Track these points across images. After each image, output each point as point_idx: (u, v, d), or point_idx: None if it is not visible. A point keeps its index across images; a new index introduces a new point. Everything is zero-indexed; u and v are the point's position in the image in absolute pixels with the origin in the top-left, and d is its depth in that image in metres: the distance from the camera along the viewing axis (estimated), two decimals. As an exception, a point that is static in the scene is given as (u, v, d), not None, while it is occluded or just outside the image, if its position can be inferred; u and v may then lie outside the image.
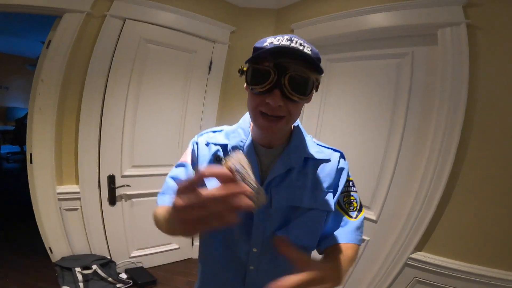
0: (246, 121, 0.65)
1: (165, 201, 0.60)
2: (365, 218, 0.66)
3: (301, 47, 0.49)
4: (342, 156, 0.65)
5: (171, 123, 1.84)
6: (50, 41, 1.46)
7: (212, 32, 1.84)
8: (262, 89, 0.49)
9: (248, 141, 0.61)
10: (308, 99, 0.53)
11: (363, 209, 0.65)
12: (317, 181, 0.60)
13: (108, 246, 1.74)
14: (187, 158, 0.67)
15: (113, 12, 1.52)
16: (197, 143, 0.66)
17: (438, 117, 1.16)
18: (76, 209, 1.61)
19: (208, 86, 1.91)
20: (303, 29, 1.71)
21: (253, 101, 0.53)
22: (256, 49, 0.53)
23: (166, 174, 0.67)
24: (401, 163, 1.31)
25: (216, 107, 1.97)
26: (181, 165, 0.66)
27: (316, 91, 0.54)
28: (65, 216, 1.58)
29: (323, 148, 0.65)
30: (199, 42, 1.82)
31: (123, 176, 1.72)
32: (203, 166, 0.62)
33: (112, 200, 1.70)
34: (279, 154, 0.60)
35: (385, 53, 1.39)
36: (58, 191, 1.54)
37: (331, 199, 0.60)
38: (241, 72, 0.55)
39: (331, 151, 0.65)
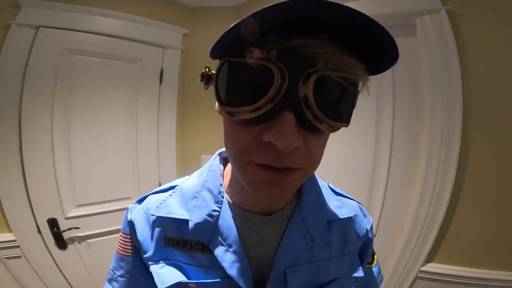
0: (215, 175, 0.41)
1: None
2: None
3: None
4: (363, 209, 0.50)
5: (119, 149, 1.53)
6: None
7: (161, 36, 1.57)
8: (256, 113, 0.24)
9: (224, 210, 0.38)
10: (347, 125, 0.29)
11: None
12: (344, 246, 0.43)
13: (74, 290, 1.48)
14: (126, 251, 0.45)
15: (21, 20, 1.19)
16: (131, 223, 0.43)
17: (433, 114, 1.05)
18: (19, 257, 1.34)
19: (162, 99, 1.63)
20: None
21: (237, 138, 0.28)
22: (230, 29, 0.24)
23: (122, 209, 0.45)
24: (394, 169, 1.19)
25: (174, 123, 1.69)
26: (117, 258, 0.46)
27: (355, 107, 0.30)
28: (8, 265, 1.32)
29: (344, 198, 0.46)
30: (145, 48, 1.54)
31: (67, 218, 1.41)
32: (148, 253, 0.41)
33: (61, 244, 1.41)
34: (285, 221, 0.39)
35: None
36: None
37: (358, 261, 0.45)
38: (207, 78, 0.31)
39: (355, 202, 0.47)
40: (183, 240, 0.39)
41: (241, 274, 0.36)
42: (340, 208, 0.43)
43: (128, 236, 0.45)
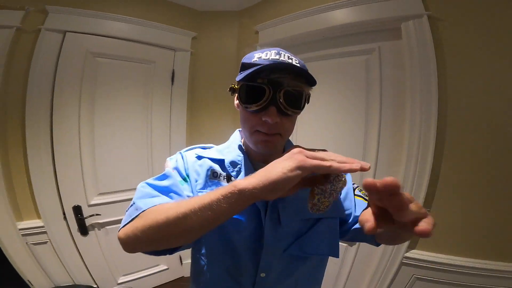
0: (237, 138, 0.64)
1: (161, 201, 0.48)
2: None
3: (289, 60, 0.50)
4: None
5: (136, 143, 1.67)
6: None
7: (172, 39, 1.71)
8: (258, 107, 0.49)
9: (244, 156, 0.59)
10: (300, 112, 0.52)
11: None
12: None
13: (91, 276, 1.62)
14: (171, 171, 0.57)
15: (49, 25, 1.32)
16: (185, 156, 0.61)
17: (412, 112, 1.14)
18: (45, 243, 1.47)
19: (173, 98, 1.77)
20: (268, 30, 1.63)
21: (249, 120, 0.52)
22: (245, 66, 0.52)
23: None
24: (381, 162, 1.30)
25: (184, 120, 1.83)
26: (166, 176, 0.55)
27: (308, 103, 0.54)
28: (34, 250, 1.44)
29: None
30: (158, 51, 1.68)
31: (90, 206, 1.56)
32: (198, 182, 0.56)
33: (83, 230, 1.55)
34: None
35: (353, 50, 1.36)
36: (20, 227, 1.38)
37: (340, 204, 0.57)
38: (232, 90, 0.54)
39: None
40: (221, 174, 0.57)
41: None
42: None
43: (175, 163, 0.59)
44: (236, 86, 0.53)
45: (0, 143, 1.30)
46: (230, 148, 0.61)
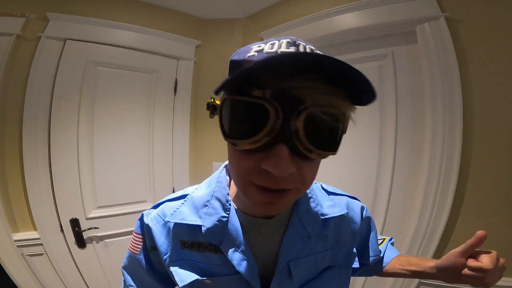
0: (223, 186, 0.44)
1: None
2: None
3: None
4: (360, 203, 0.54)
5: (136, 155, 1.62)
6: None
7: (175, 48, 1.66)
8: (254, 144, 0.27)
9: (232, 216, 0.42)
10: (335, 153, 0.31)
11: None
12: (338, 239, 0.48)
13: (88, 288, 1.53)
14: (135, 248, 0.52)
15: (49, 33, 1.30)
16: (148, 226, 0.48)
17: (434, 121, 1.05)
18: (41, 254, 1.42)
19: (176, 109, 1.71)
20: (273, 36, 1.56)
21: (238, 164, 0.31)
22: (235, 65, 0.32)
23: (138, 212, 0.57)
24: (397, 176, 1.19)
25: (187, 131, 1.77)
26: (131, 259, 0.55)
27: (345, 132, 0.31)
28: (30, 262, 1.39)
29: (336, 196, 0.50)
30: (160, 60, 1.63)
31: (88, 219, 1.50)
32: (168, 255, 0.46)
33: (81, 243, 1.50)
34: (285, 221, 0.44)
35: (364, 56, 1.28)
36: (15, 238, 1.34)
37: (354, 254, 0.49)
38: (212, 108, 0.33)
39: (346, 198, 0.52)
40: (197, 243, 0.43)
41: (248, 270, 0.41)
42: (333, 207, 0.47)
43: (140, 236, 0.50)
44: (217, 102, 0.33)
45: (-3, 153, 1.27)
46: (211, 206, 0.43)
